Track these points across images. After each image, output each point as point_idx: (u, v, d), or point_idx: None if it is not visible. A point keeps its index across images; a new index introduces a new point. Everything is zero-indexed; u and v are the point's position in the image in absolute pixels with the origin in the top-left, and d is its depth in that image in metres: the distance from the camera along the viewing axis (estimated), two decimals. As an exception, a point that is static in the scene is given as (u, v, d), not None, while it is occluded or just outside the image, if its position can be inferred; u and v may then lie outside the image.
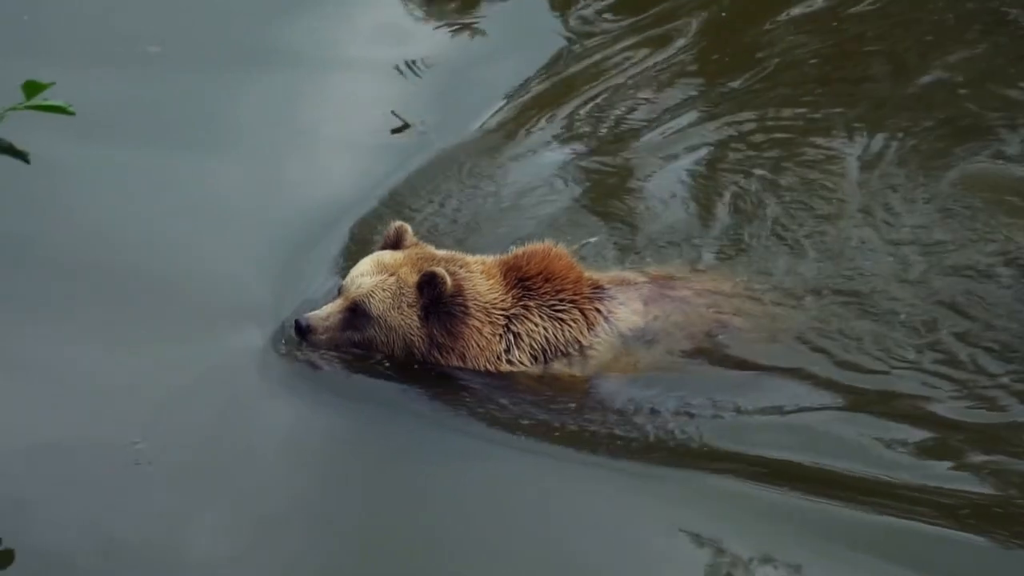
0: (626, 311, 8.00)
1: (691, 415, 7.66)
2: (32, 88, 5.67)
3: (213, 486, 7.17)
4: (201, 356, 7.91)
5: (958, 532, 7.03)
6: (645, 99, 10.51)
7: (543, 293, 7.93)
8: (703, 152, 9.90)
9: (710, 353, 8.01)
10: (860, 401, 7.79)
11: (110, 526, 6.85)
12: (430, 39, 11.12)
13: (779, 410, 7.75)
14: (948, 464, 7.42)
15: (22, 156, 5.80)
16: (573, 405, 7.76)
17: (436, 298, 7.73)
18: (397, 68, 10.69)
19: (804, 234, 8.93)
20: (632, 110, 10.40)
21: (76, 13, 10.76)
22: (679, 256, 8.76)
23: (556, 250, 8.01)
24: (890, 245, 8.81)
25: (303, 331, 7.74)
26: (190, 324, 8.11)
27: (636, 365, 7.92)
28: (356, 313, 7.77)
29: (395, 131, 10.05)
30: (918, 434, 7.59)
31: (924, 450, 7.51)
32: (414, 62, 10.75)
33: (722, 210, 9.23)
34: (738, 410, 7.72)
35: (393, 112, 10.10)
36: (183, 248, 8.75)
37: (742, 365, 7.99)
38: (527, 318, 7.88)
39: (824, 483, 7.29)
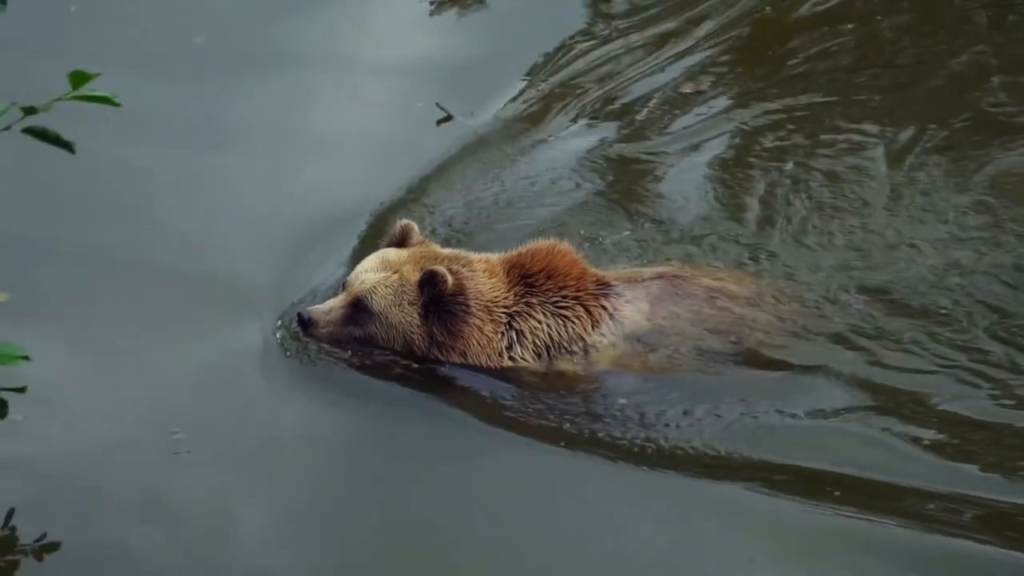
0: (632, 309, 8.06)
1: (700, 418, 7.70)
2: (78, 78, 5.79)
3: (245, 476, 7.41)
4: (224, 348, 8.13)
5: (989, 545, 6.95)
6: (675, 88, 10.63)
7: (546, 290, 8.03)
8: (732, 143, 9.97)
9: (723, 354, 8.02)
10: (884, 405, 7.76)
11: (158, 513, 7.08)
12: (448, 32, 11.30)
13: (795, 415, 7.74)
14: (976, 468, 7.38)
15: (68, 146, 5.91)
16: (580, 403, 7.84)
17: (437, 296, 7.88)
18: (414, 63, 10.90)
19: (834, 231, 8.95)
20: (661, 99, 10.53)
21: (112, 12, 11.06)
22: (703, 251, 8.82)
23: (560, 247, 8.11)
24: (923, 243, 8.81)
25: (305, 324, 7.95)
26: (209, 317, 8.35)
27: (643, 364, 7.97)
28: (358, 309, 7.95)
29: (440, 122, 10.23)
30: (948, 438, 7.55)
31: (953, 454, 7.46)
32: (431, 56, 10.95)
33: (750, 205, 9.27)
34: (749, 414, 7.72)
35: (438, 104, 10.29)
36: (204, 243, 8.98)
37: (758, 367, 8.00)
38: (530, 315, 7.98)
39: (846, 489, 7.27)
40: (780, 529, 7.04)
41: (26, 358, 5.77)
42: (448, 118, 10.24)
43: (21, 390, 5.99)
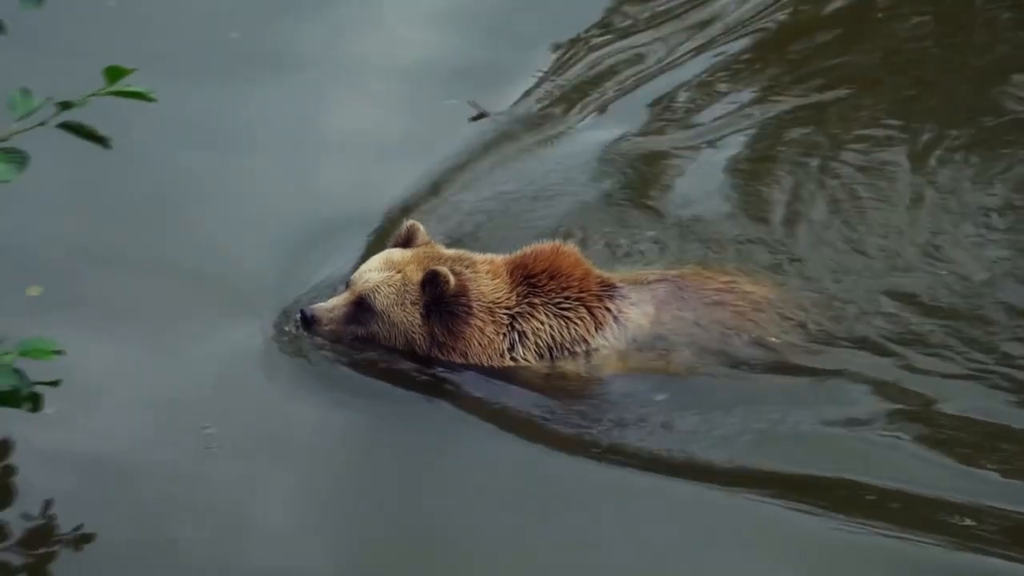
0: (637, 312, 8.15)
1: (707, 423, 7.75)
2: (114, 73, 5.88)
3: (265, 469, 7.57)
4: (241, 345, 8.25)
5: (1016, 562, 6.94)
6: (700, 84, 10.70)
7: (549, 291, 8.13)
8: (756, 142, 10.00)
9: (732, 358, 8.08)
10: (904, 411, 7.77)
11: (186, 507, 7.26)
12: (465, 29, 11.36)
13: (807, 421, 7.76)
14: (997, 474, 7.39)
15: (103, 141, 5.99)
16: (583, 404, 7.94)
17: (438, 297, 8.00)
18: (432, 61, 10.97)
19: (857, 232, 8.97)
20: (684, 95, 10.58)
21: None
22: (725, 252, 8.85)
23: (564, 248, 8.22)
24: (948, 245, 8.83)
25: (307, 321, 8.10)
26: (226, 315, 8.47)
27: (647, 367, 8.06)
28: (361, 307, 8.08)
29: (473, 119, 10.33)
30: (970, 444, 7.57)
31: (976, 461, 7.48)
32: (448, 53, 11.04)
33: (773, 205, 9.30)
34: (758, 420, 7.75)
35: (470, 102, 10.41)
36: (221, 243, 9.10)
37: (769, 372, 8.04)
38: (532, 316, 8.09)
39: (861, 498, 7.29)
40: (779, 533, 7.13)
41: (60, 353, 5.86)
42: (481, 115, 10.37)
43: (55, 384, 6.07)
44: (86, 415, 7.63)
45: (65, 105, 5.86)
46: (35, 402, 6.03)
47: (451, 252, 8.26)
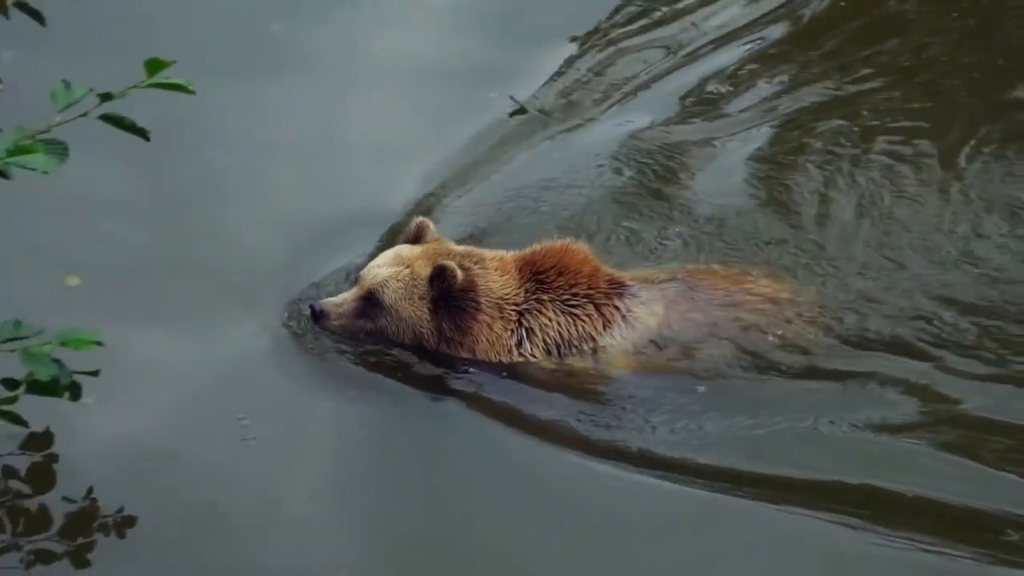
0: (646, 311, 8.24)
1: (715, 425, 7.78)
2: (153, 66, 5.93)
3: (291, 461, 7.70)
4: (260, 341, 8.37)
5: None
6: (727, 76, 10.71)
7: (557, 287, 8.23)
8: (782, 134, 10.00)
9: (741, 360, 8.11)
10: (918, 414, 7.75)
11: (221, 496, 7.40)
12: (482, 26, 11.39)
13: (809, 425, 7.76)
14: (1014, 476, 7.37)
15: (142, 133, 6.04)
16: (590, 402, 7.99)
17: (446, 292, 8.11)
18: (445, 61, 11.00)
19: (884, 237, 8.94)
20: (712, 87, 10.60)
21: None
22: (742, 249, 8.87)
23: (574, 245, 8.32)
24: (978, 243, 8.82)
25: (316, 316, 8.23)
26: (246, 311, 8.57)
27: (655, 367, 8.13)
28: (370, 302, 8.20)
29: (512, 115, 10.40)
30: (995, 452, 7.53)
31: (1004, 467, 7.43)
32: (464, 51, 11.08)
33: (796, 201, 9.29)
34: (771, 423, 7.77)
35: (511, 97, 10.49)
36: (240, 240, 9.18)
37: (781, 375, 8.05)
38: (540, 312, 8.20)
39: (872, 505, 7.27)
40: (799, 540, 7.14)
41: (99, 343, 5.92)
42: (520, 111, 10.44)
43: (95, 373, 6.14)
44: (123, 404, 7.71)
45: (106, 97, 5.92)
46: (74, 391, 6.11)
47: (460, 248, 8.37)
